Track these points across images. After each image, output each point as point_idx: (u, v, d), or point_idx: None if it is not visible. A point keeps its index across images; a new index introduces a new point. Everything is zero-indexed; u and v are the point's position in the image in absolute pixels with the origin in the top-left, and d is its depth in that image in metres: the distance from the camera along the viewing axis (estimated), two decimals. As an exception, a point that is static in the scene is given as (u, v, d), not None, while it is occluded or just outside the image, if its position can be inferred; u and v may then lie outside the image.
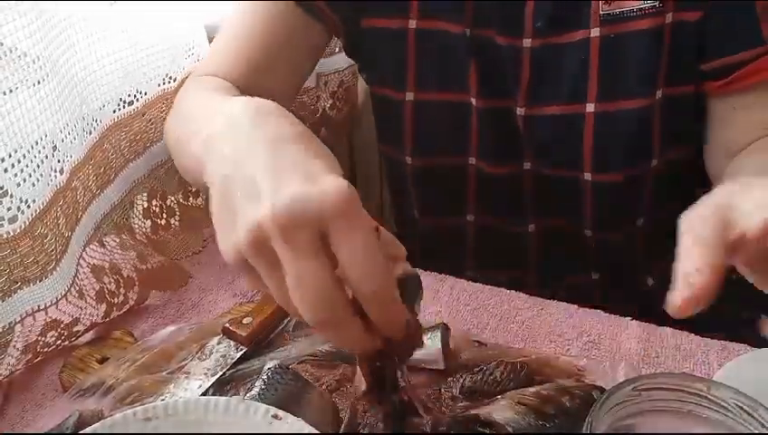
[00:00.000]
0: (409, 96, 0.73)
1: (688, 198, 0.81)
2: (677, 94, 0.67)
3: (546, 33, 0.66)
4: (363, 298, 0.37)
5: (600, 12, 0.64)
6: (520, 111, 0.70)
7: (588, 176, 0.70)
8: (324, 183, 0.37)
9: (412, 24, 0.71)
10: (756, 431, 0.36)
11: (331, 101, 1.06)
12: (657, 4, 0.63)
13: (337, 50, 1.01)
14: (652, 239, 0.76)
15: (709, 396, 0.38)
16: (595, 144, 0.68)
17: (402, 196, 0.83)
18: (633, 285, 0.79)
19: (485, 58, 0.69)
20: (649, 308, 0.64)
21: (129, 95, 0.71)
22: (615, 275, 0.78)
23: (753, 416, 0.36)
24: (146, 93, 0.74)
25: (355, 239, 0.36)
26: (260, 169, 0.39)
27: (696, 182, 0.78)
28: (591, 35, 0.65)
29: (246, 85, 0.71)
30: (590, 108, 0.67)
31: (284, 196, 0.36)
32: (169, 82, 0.76)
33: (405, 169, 0.78)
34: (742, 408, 0.37)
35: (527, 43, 0.67)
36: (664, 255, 0.80)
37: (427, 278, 0.71)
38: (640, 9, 0.64)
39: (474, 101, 0.71)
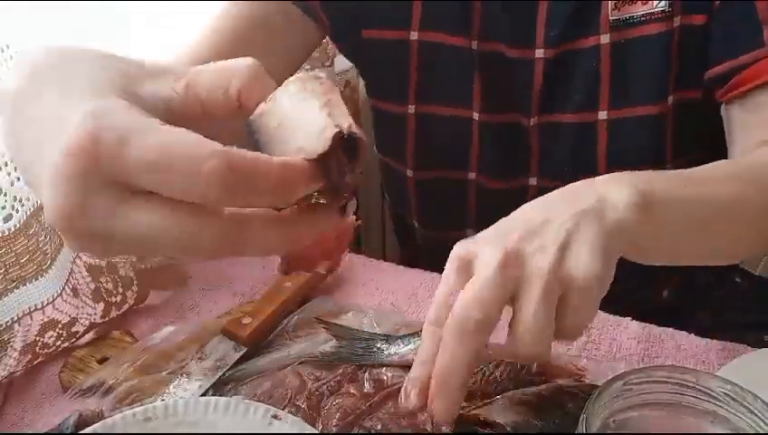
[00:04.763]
0: (411, 109, 0.72)
1: None
2: (689, 99, 0.66)
3: (559, 42, 0.66)
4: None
5: (610, 17, 0.64)
6: (532, 120, 0.68)
7: None
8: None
9: (414, 35, 0.70)
10: (744, 417, 0.37)
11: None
12: (666, 8, 0.62)
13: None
14: None
15: (698, 386, 0.38)
16: (609, 152, 0.67)
17: (401, 205, 0.82)
18: (645, 299, 0.78)
19: (492, 71, 0.68)
20: (660, 320, 0.63)
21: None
22: (623, 289, 0.76)
23: (741, 403, 0.38)
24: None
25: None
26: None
27: None
28: (602, 42, 0.64)
29: None
30: (603, 115, 0.66)
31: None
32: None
33: (405, 181, 0.77)
34: (729, 396, 0.38)
35: (540, 53, 0.66)
36: (676, 267, 0.79)
37: (427, 277, 0.71)
38: (650, 13, 0.63)
39: (476, 115, 0.70)
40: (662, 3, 0.62)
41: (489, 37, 0.67)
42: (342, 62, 1.05)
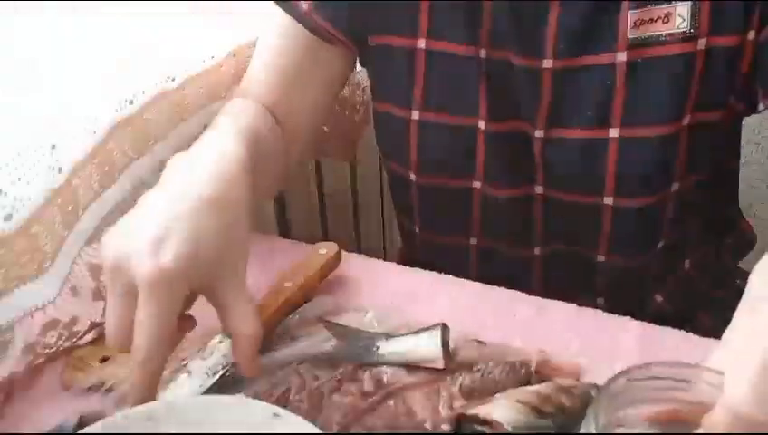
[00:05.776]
0: (415, 116, 0.72)
1: (704, 217, 0.80)
2: (706, 120, 0.65)
3: (569, 55, 0.65)
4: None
5: (629, 36, 0.62)
6: (539, 132, 0.68)
7: (609, 200, 0.68)
8: (154, 254, 0.45)
9: (421, 43, 0.69)
10: None
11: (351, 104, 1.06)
12: (688, 29, 0.61)
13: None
14: (667, 258, 0.75)
15: (700, 382, 0.39)
16: (618, 169, 0.66)
17: (404, 208, 0.82)
18: (640, 307, 0.77)
19: (499, 80, 0.68)
20: (660, 321, 0.63)
21: (132, 94, 0.71)
22: (623, 298, 0.76)
23: None
24: (147, 92, 0.73)
25: (146, 310, 0.45)
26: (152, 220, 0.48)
27: (713, 201, 0.78)
28: (618, 60, 0.63)
29: (281, 106, 0.73)
30: (615, 132, 0.65)
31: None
32: (171, 81, 0.76)
33: (408, 185, 0.76)
34: None
35: (548, 64, 0.65)
36: (675, 272, 0.80)
37: (427, 277, 0.72)
38: (671, 34, 0.61)
39: (482, 124, 0.70)
40: (684, 23, 0.61)
41: (496, 45, 0.67)
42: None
